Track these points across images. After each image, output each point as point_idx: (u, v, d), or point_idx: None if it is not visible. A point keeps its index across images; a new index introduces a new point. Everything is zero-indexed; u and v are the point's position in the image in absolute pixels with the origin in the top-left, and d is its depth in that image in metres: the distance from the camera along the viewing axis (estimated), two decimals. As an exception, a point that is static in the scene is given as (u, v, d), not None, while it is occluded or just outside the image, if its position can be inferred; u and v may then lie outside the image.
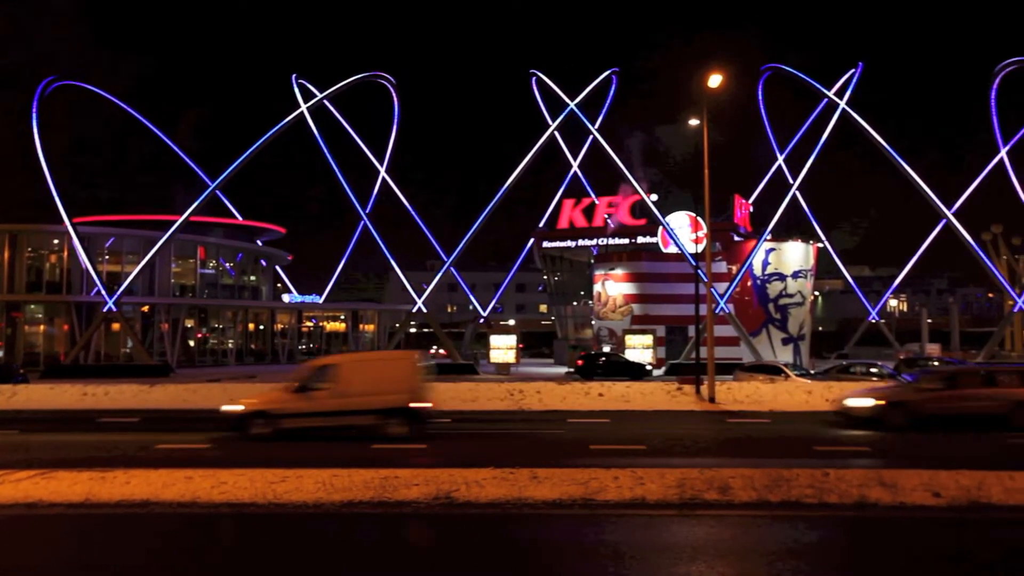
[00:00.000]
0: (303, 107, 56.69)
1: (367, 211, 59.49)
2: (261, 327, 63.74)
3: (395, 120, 63.98)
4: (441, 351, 61.80)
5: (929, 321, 62.89)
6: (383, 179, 60.66)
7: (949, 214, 53.09)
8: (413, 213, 59.24)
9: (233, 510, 11.10)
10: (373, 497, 11.44)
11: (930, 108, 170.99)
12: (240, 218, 65.23)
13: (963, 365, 25.43)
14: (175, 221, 50.07)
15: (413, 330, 66.46)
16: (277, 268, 71.45)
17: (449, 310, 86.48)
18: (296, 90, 58.94)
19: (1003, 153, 60.24)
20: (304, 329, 67.65)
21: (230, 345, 60.04)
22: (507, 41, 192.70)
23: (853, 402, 21.51)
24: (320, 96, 57.72)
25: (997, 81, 61.71)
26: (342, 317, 68.48)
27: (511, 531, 10.34)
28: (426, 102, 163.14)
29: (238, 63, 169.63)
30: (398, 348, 56.74)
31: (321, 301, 66.09)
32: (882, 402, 20.70)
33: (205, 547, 9.80)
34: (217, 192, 56.09)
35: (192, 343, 58.51)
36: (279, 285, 72.87)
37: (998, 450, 16.85)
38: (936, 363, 36.87)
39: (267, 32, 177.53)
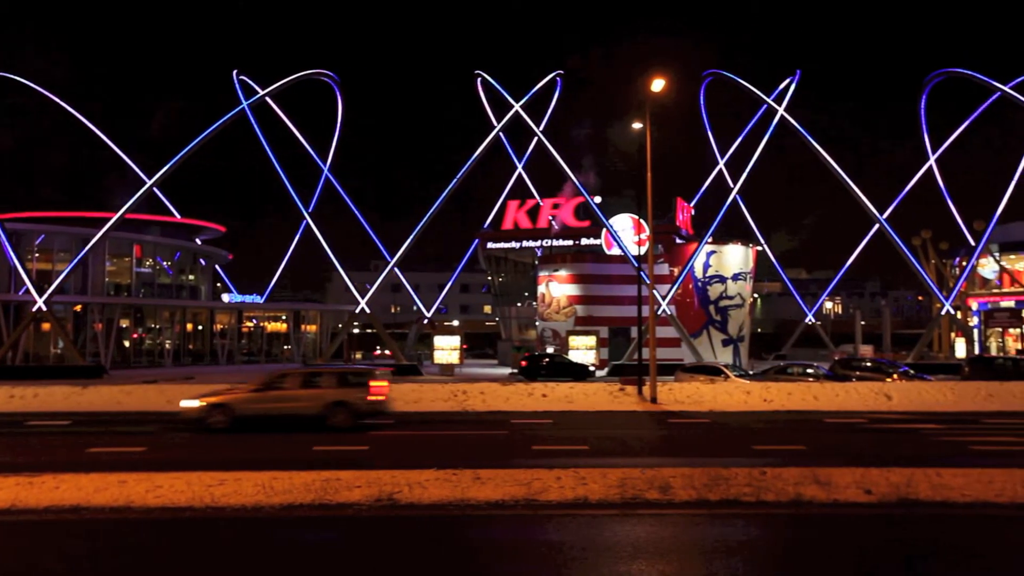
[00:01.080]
0: (244, 104, 55.73)
1: (310, 210, 58.77)
2: (200, 327, 62.43)
3: (339, 119, 63.44)
4: (385, 352, 61.36)
5: (863, 323, 64.62)
6: (326, 178, 60.02)
7: (882, 219, 54.63)
8: (357, 213, 58.75)
9: (169, 515, 10.85)
10: (314, 500, 11.30)
11: (866, 116, 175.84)
12: (179, 216, 63.83)
13: (304, 368, 26.10)
14: (110, 219, 48.77)
15: (356, 331, 65.83)
16: (217, 267, 70.08)
17: (393, 311, 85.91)
18: (237, 87, 57.94)
19: (932, 161, 62.28)
20: (244, 329, 66.49)
21: (167, 346, 58.67)
22: (456, 42, 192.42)
23: (186, 403, 21.05)
24: (262, 93, 56.83)
25: (926, 91, 63.83)
26: (284, 317, 67.48)
27: (454, 532, 10.31)
28: (372, 102, 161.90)
29: (185, 59, 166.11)
30: (340, 349, 56.29)
31: (262, 301, 65.04)
32: (204, 403, 20.60)
33: (136, 552, 9.55)
34: (155, 189, 54.82)
35: (127, 344, 57.03)
36: (219, 285, 71.52)
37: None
38: (869, 363, 37.93)
39: (214, 29, 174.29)
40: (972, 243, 58.06)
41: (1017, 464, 13.72)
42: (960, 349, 60.05)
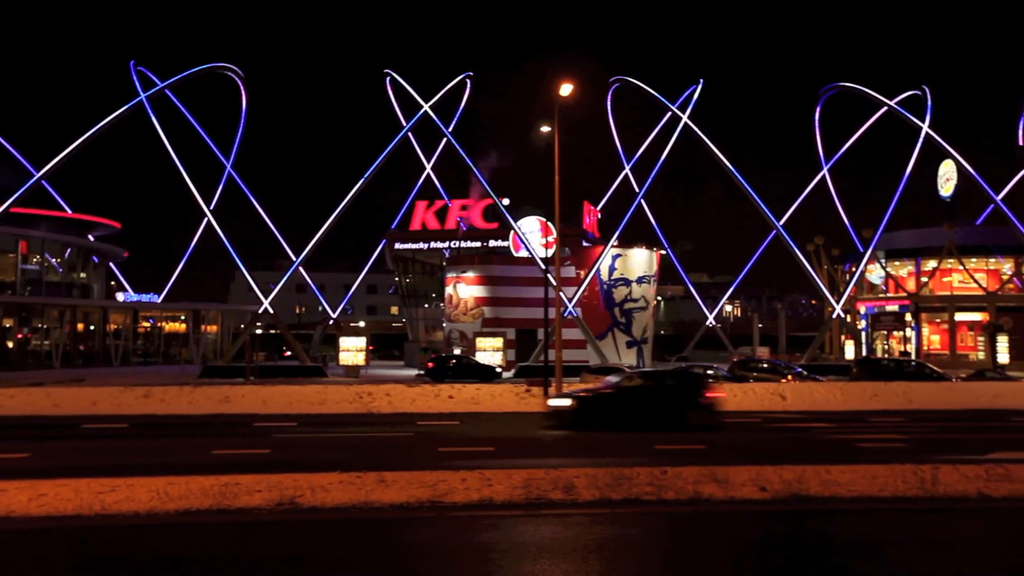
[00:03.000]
0: (142, 96, 53.77)
1: (211, 208, 57.06)
2: (92, 327, 59.76)
3: (243, 114, 61.91)
4: (283, 352, 60.16)
5: (760, 326, 66.90)
6: (229, 175, 58.44)
7: (779, 226, 56.75)
8: (260, 211, 57.50)
9: (55, 524, 10.33)
10: (212, 505, 10.96)
11: (766, 126, 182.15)
12: (70, 211, 61.01)
13: None
14: (-6, 213, 46.25)
15: (260, 332, 64.27)
16: (112, 265, 67.29)
17: (297, 311, 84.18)
18: (135, 78, 55.80)
19: (825, 171, 65.09)
20: (140, 330, 64.05)
21: (56, 346, 55.93)
22: (367, 42, 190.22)
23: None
24: (161, 85, 54.95)
25: (821, 103, 66.69)
26: (183, 317, 65.28)
27: (356, 535, 10.18)
28: (281, 100, 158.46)
29: (85, 51, 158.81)
30: (242, 350, 54.84)
31: (159, 300, 62.77)
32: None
33: (10, 564, 9.06)
34: (44, 183, 52.26)
35: (11, 344, 54.12)
36: (113, 283, 68.70)
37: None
38: (766, 365, 39.32)
39: (122, 22, 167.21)
40: (861, 250, 60.93)
41: (899, 460, 14.45)
42: (849, 351, 62.92)
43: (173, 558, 9.10)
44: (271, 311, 53.57)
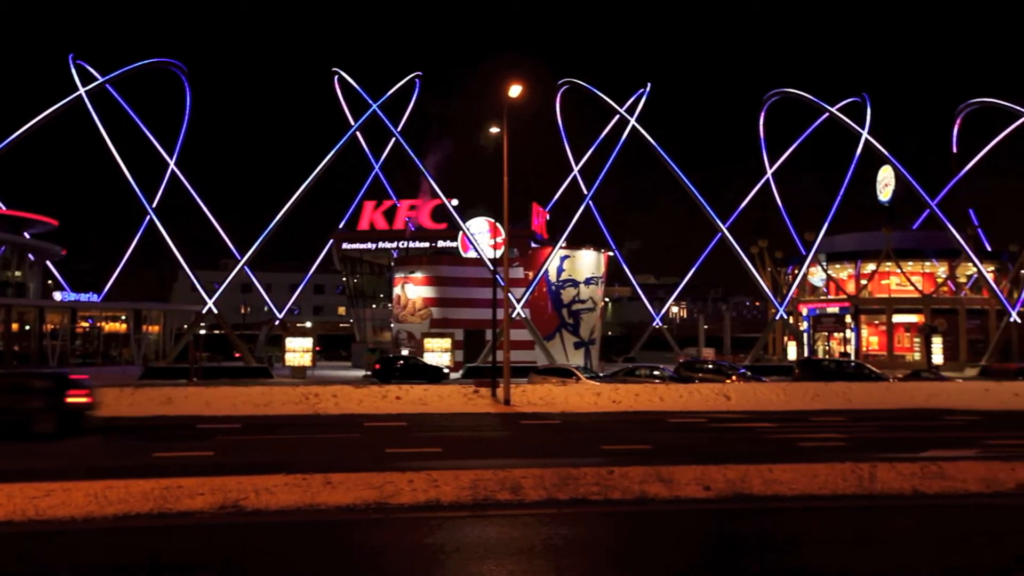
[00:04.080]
0: (81, 90, 52.42)
1: (154, 206, 55.85)
2: (27, 327, 57.96)
3: (187, 111, 60.81)
4: (234, 354, 59.13)
5: (705, 327, 67.91)
6: (172, 172, 57.27)
7: (724, 228, 57.65)
8: (205, 209, 56.44)
9: (-14, 530, 10.00)
10: (152, 509, 10.73)
11: (713, 130, 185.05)
12: (4, 208, 59.14)
13: None
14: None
15: (203, 332, 63.09)
16: (49, 264, 65.38)
17: (243, 311, 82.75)
18: (74, 72, 54.35)
19: (769, 175, 66.34)
20: (79, 330, 62.31)
21: (-12, 347, 54.13)
22: (317, 39, 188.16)
23: None
24: (101, 80, 53.60)
25: (764, 108, 67.96)
26: (123, 317, 63.70)
27: (302, 538, 10.06)
28: (226, 97, 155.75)
29: (22, 44, 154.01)
30: (186, 351, 53.76)
31: (99, 300, 61.19)
32: None
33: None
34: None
35: (-60, 345, 52.31)
36: (50, 282, 66.75)
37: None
38: (711, 365, 39.89)
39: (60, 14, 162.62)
40: (804, 253, 62.22)
41: (839, 459, 14.79)
42: (792, 352, 64.19)
43: (110, 563, 8.88)
44: (215, 311, 52.64)
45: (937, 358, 53.73)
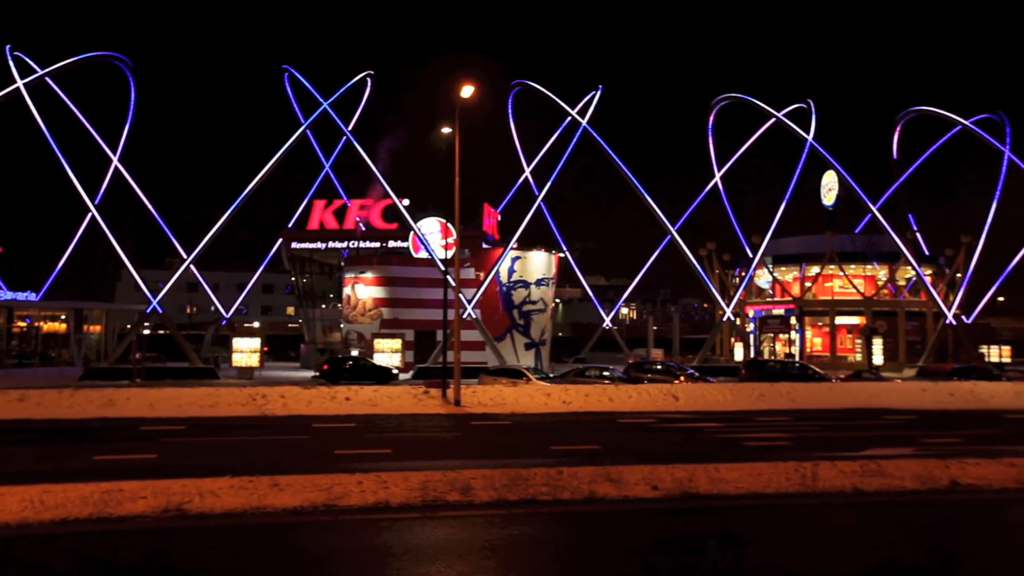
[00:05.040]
0: (19, 83, 50.94)
1: (96, 203, 54.49)
2: (-40, 327, 56.18)
3: (131, 105, 59.43)
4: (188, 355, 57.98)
5: (655, 328, 68.60)
6: (116, 168, 55.98)
7: (673, 231, 58.31)
8: (150, 206, 55.25)
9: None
10: (92, 513, 10.47)
11: (664, 133, 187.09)
12: (-64, 203, 57.22)
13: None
14: None
15: (147, 332, 61.79)
16: (-17, 261, 63.34)
17: (189, 311, 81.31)
18: (12, 64, 52.79)
19: (717, 178, 67.30)
20: (16, 329, 60.50)
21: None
22: (268, 35, 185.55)
23: None
24: (40, 73, 52.17)
25: (713, 113, 68.92)
26: (63, 317, 62.03)
27: (247, 541, 9.92)
28: (174, 92, 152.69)
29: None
30: (129, 351, 52.61)
31: (37, 299, 59.48)
32: None
33: None
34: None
35: None
36: (-15, 280, 64.66)
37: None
38: (660, 366, 40.34)
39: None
40: (751, 255, 63.26)
41: (783, 458, 15.11)
42: (739, 353, 65.21)
43: (46, 570, 8.66)
44: (160, 310, 51.60)
45: (878, 359, 55.13)
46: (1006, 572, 9.39)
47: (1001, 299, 71.69)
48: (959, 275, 62.59)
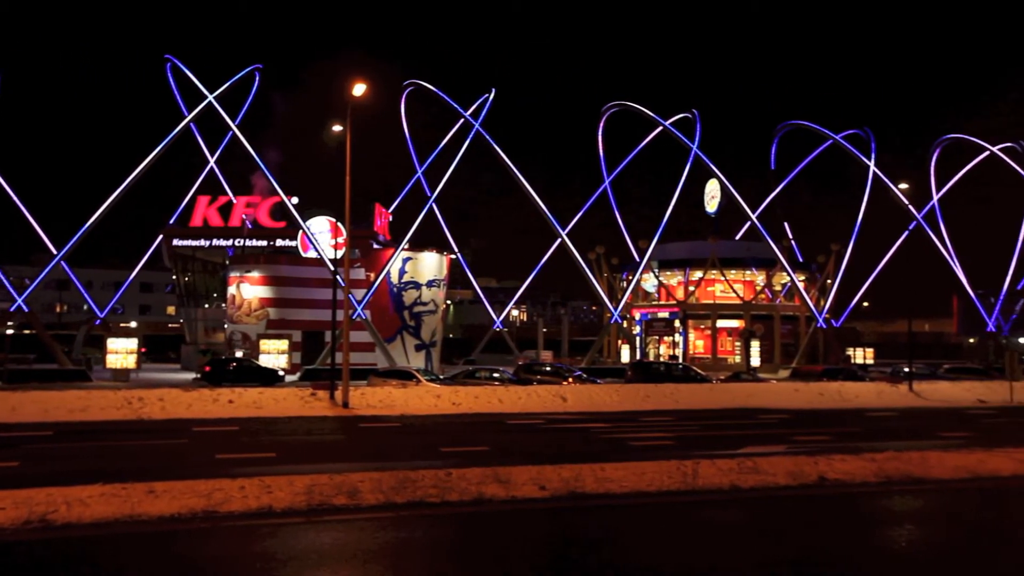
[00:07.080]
0: None
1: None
2: None
3: (-3, 92, 55.91)
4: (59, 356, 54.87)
5: (544, 330, 69.36)
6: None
7: (563, 234, 59.21)
8: (15, 198, 52.08)
9: None
10: (-57, 527, 9.77)
11: (557, 138, 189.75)
12: None
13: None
14: None
15: (11, 332, 58.15)
16: None
17: (59, 310, 77.07)
18: None
19: (607, 183, 68.79)
20: None
21: None
22: (153, 26, 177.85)
23: None
24: None
25: (604, 119, 70.43)
26: (-86, 316, 57.70)
27: (119, 551, 9.47)
28: (48, 83, 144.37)
29: None
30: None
31: None
32: None
33: None
34: None
35: None
36: None
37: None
38: (549, 368, 40.86)
39: None
40: (638, 260, 64.92)
41: (666, 457, 15.56)
42: (625, 355, 66.77)
43: None
44: (26, 309, 48.68)
45: (755, 361, 57.51)
46: (864, 565, 9.92)
47: (866, 304, 76.19)
48: (829, 281, 66.06)
